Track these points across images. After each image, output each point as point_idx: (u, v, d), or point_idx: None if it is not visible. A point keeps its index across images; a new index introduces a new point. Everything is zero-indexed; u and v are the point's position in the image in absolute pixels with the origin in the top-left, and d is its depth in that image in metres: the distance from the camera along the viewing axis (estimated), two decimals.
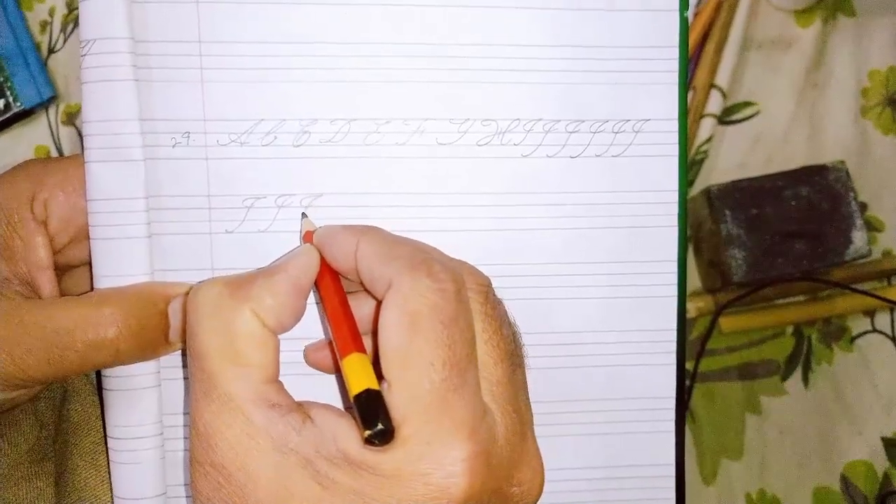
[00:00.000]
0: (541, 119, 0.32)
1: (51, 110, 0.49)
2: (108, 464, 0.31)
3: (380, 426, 0.23)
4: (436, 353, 0.24)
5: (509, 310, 0.27)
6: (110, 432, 0.30)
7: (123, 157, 0.29)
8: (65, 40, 0.48)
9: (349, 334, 0.26)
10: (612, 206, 0.32)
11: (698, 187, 0.51)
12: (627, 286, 0.33)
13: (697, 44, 0.51)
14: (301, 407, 0.25)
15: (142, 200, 0.29)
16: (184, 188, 0.30)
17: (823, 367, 0.51)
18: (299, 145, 0.31)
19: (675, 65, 0.32)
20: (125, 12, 0.28)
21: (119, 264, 0.29)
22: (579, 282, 0.32)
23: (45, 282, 0.29)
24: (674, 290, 0.33)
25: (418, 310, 0.24)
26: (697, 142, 0.51)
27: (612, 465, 0.33)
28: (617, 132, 0.32)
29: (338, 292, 0.27)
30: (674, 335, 0.33)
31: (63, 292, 0.31)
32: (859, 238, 0.48)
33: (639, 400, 0.33)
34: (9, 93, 0.47)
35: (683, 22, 0.32)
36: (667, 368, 0.33)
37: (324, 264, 0.28)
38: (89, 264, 0.30)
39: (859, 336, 0.51)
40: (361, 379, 0.24)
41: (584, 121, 0.32)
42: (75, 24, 0.48)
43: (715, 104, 0.51)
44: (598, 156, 0.32)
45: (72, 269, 0.32)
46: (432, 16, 0.31)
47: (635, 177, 0.32)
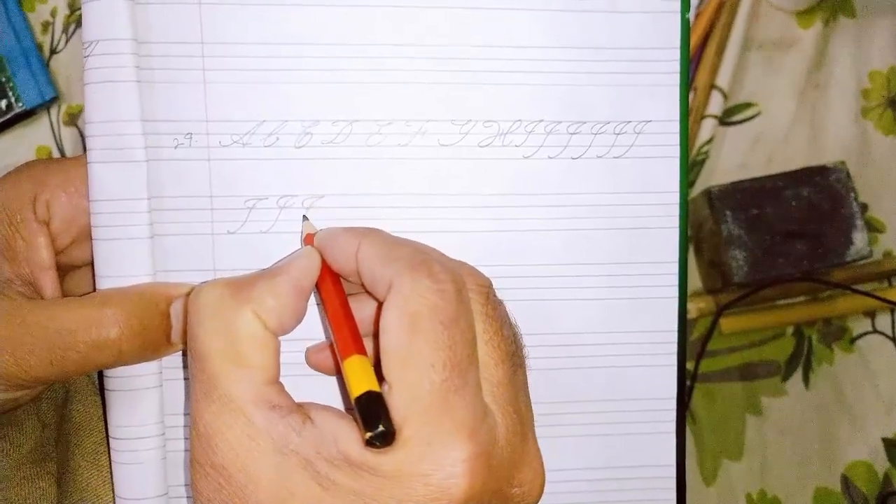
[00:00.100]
0: (542, 120, 0.32)
1: (52, 111, 0.49)
2: (109, 464, 0.31)
3: (381, 428, 0.23)
4: (436, 354, 0.24)
5: (510, 310, 0.27)
6: (112, 432, 0.30)
7: (126, 158, 0.29)
8: (66, 41, 0.48)
9: (350, 336, 0.26)
10: (613, 207, 0.32)
11: (699, 188, 0.51)
12: (628, 287, 0.33)
13: (698, 45, 0.51)
14: (301, 408, 0.25)
15: (144, 201, 0.29)
16: (186, 189, 0.30)
17: (824, 368, 0.51)
18: (301, 146, 0.31)
19: (676, 66, 0.32)
20: (128, 14, 0.28)
21: (121, 265, 0.29)
22: (580, 282, 0.32)
23: (48, 282, 0.29)
24: (674, 291, 0.33)
25: (418, 311, 0.24)
26: (698, 142, 0.51)
27: (612, 465, 0.33)
28: (618, 133, 0.32)
29: (339, 294, 0.27)
30: (674, 336, 0.33)
31: (65, 293, 0.31)
32: (860, 239, 0.48)
33: (639, 401, 0.33)
34: (10, 93, 0.47)
35: (685, 23, 0.32)
36: (667, 369, 0.33)
37: (325, 266, 0.28)
38: (91, 265, 0.30)
39: (860, 337, 0.51)
40: (362, 381, 0.24)
41: (586, 122, 0.32)
42: (77, 25, 0.48)
43: (716, 105, 0.51)
44: (599, 157, 0.32)
45: (74, 269, 0.32)
46: (434, 17, 0.31)
47: (636, 178, 0.32)
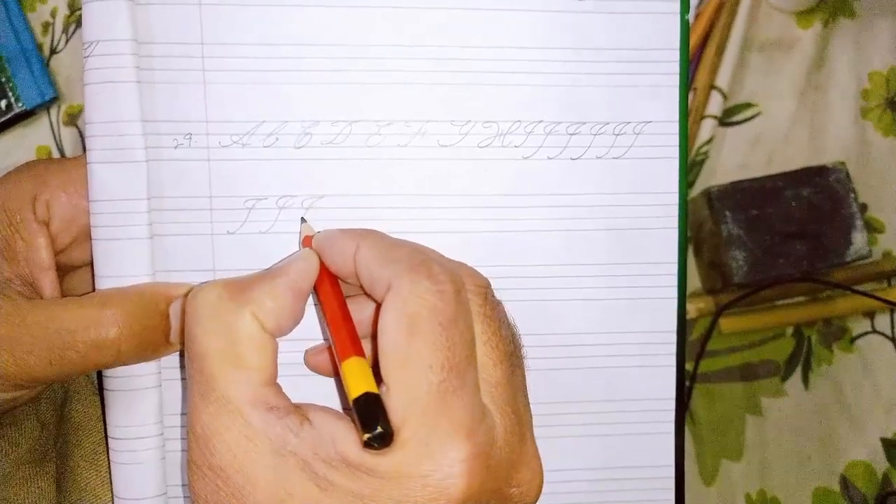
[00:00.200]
0: (542, 121, 0.32)
1: (52, 111, 0.49)
2: (108, 464, 0.31)
3: (379, 429, 0.23)
4: (434, 355, 0.24)
5: (509, 311, 0.27)
6: (111, 432, 0.30)
7: (126, 159, 0.29)
8: (66, 41, 0.48)
9: (348, 338, 0.26)
10: (612, 207, 0.32)
11: (699, 188, 0.51)
12: (628, 287, 0.33)
13: (698, 45, 0.51)
14: (299, 409, 0.25)
15: (144, 201, 0.29)
16: (186, 189, 0.30)
17: (823, 368, 0.51)
18: (301, 147, 0.31)
19: (675, 67, 0.32)
20: (128, 14, 0.29)
21: (121, 265, 0.29)
22: (580, 283, 0.32)
23: (47, 282, 0.29)
24: (674, 292, 0.33)
25: (417, 312, 0.24)
26: (698, 143, 0.51)
27: (611, 465, 0.33)
28: (618, 134, 0.32)
29: (337, 296, 0.27)
30: (674, 336, 0.33)
31: (65, 293, 0.31)
32: (859, 239, 0.48)
33: (639, 401, 0.33)
34: (10, 93, 0.47)
35: (684, 24, 0.32)
36: (667, 370, 0.33)
37: (323, 269, 0.28)
38: (91, 265, 0.30)
39: (859, 337, 0.51)
40: (360, 383, 0.24)
41: (585, 123, 0.32)
42: (77, 25, 0.48)
43: (715, 105, 0.51)
44: (598, 157, 0.32)
45: (74, 269, 0.32)
46: (434, 18, 0.31)
47: (636, 179, 0.32)
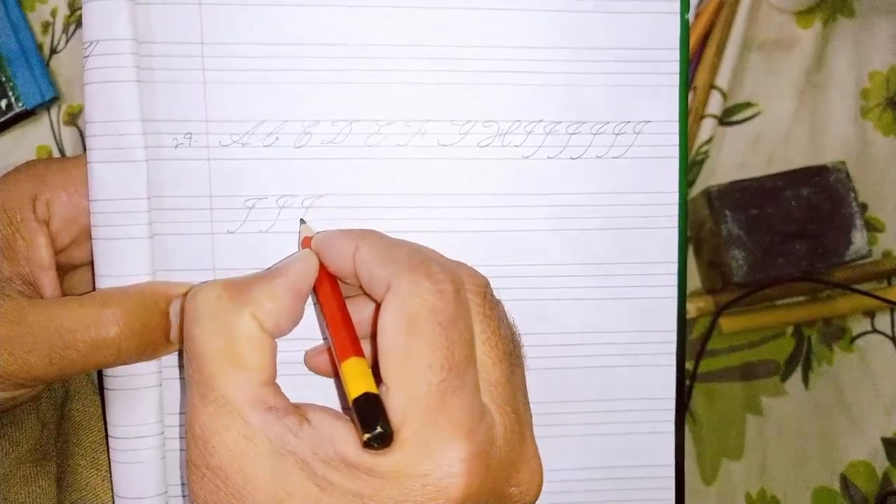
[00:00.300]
0: (542, 120, 0.32)
1: (53, 110, 0.49)
2: (109, 463, 0.31)
3: (378, 429, 0.23)
4: (434, 355, 0.24)
5: (509, 310, 0.27)
6: (111, 432, 0.30)
7: (126, 158, 0.29)
8: (67, 41, 0.48)
9: (347, 339, 0.26)
10: (612, 207, 0.32)
11: (699, 188, 0.51)
12: (627, 287, 0.33)
13: (698, 45, 0.51)
14: (298, 409, 0.25)
15: (144, 201, 0.29)
16: (186, 189, 0.30)
17: (824, 368, 0.51)
18: (301, 146, 0.31)
19: (675, 67, 0.32)
20: (128, 14, 0.29)
21: (121, 264, 0.29)
22: (579, 282, 0.32)
23: (48, 282, 0.29)
24: (674, 291, 0.33)
25: (417, 312, 0.24)
26: (698, 142, 0.51)
27: (611, 465, 0.33)
28: (618, 134, 0.32)
29: (336, 297, 0.27)
30: (674, 336, 0.33)
31: (65, 292, 0.31)
32: (859, 238, 0.48)
33: (638, 401, 0.33)
34: (11, 93, 0.47)
35: (684, 24, 0.32)
36: (667, 369, 0.33)
37: (322, 270, 0.28)
38: (91, 264, 0.30)
39: (859, 336, 0.51)
40: (360, 383, 0.24)
41: (585, 122, 0.32)
42: (77, 25, 0.48)
43: (715, 105, 0.51)
44: (598, 157, 0.32)
45: (74, 268, 0.32)
46: (434, 17, 0.31)
47: (636, 178, 0.32)
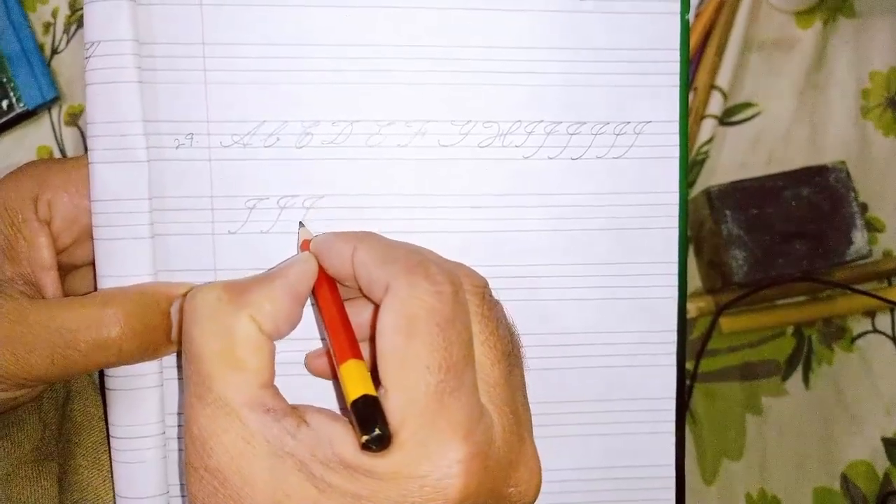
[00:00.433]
0: (542, 121, 0.32)
1: (54, 111, 0.49)
2: (110, 463, 0.31)
3: (377, 432, 0.23)
4: (432, 356, 0.24)
5: (509, 310, 0.27)
6: (113, 432, 0.30)
7: (127, 159, 0.29)
8: (68, 41, 0.48)
9: (346, 341, 0.26)
10: (612, 207, 0.32)
11: (699, 187, 0.51)
12: (628, 287, 0.33)
13: (698, 45, 0.51)
14: (296, 411, 0.25)
15: (145, 201, 0.29)
16: (187, 189, 0.30)
17: (824, 368, 0.51)
18: (302, 147, 0.31)
19: (676, 67, 0.32)
20: (129, 15, 0.29)
21: (122, 264, 0.29)
22: (579, 283, 0.32)
23: (49, 282, 0.29)
24: (674, 291, 0.33)
25: (415, 313, 0.24)
26: (698, 142, 0.51)
27: (612, 465, 0.33)
28: (618, 134, 0.32)
29: (335, 300, 0.27)
30: (674, 336, 0.33)
31: (67, 292, 0.31)
32: (860, 238, 0.48)
33: (639, 401, 0.33)
34: (12, 93, 0.47)
35: (684, 24, 0.32)
36: (667, 369, 0.33)
37: (321, 273, 0.28)
38: (93, 264, 0.30)
39: (860, 336, 0.51)
40: (358, 385, 0.24)
41: (586, 123, 0.32)
42: (78, 25, 0.48)
43: (716, 105, 0.51)
44: (599, 157, 0.32)
45: (75, 269, 0.32)
46: (434, 18, 0.31)
47: (636, 178, 0.32)
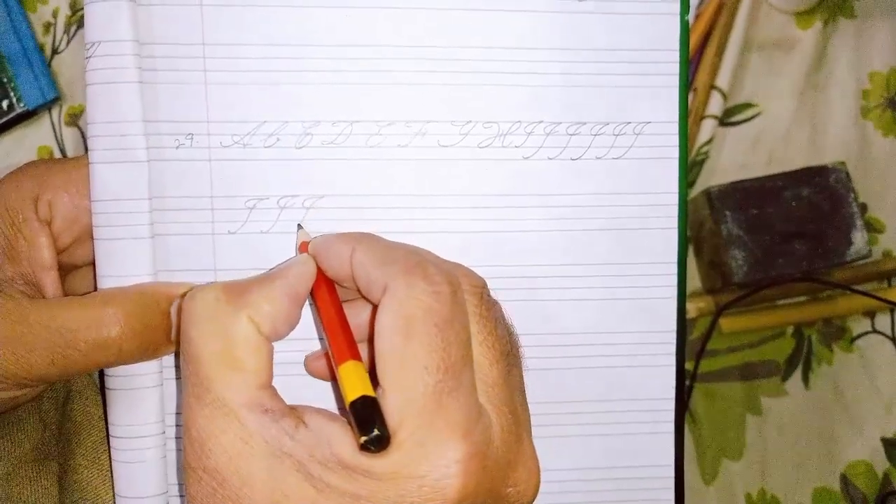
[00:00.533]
0: (542, 121, 0.32)
1: (54, 111, 0.49)
2: (110, 463, 0.31)
3: (375, 432, 0.23)
4: (430, 356, 0.24)
5: (508, 311, 0.27)
6: (113, 431, 0.30)
7: (127, 159, 0.29)
8: (68, 41, 0.49)
9: (345, 342, 0.26)
10: (612, 207, 0.32)
11: (699, 188, 0.51)
12: (627, 287, 0.33)
13: (698, 45, 0.51)
14: (294, 411, 0.25)
15: (145, 201, 0.29)
16: (187, 189, 0.30)
17: (824, 368, 0.51)
18: (302, 147, 0.31)
19: (675, 68, 0.32)
20: (130, 15, 0.29)
21: (122, 264, 0.29)
22: (579, 283, 0.32)
23: (49, 282, 0.29)
24: (674, 291, 0.33)
25: (413, 313, 0.24)
26: (698, 143, 0.51)
27: (611, 465, 0.33)
28: (618, 134, 0.32)
29: (334, 302, 0.27)
30: (674, 336, 0.33)
31: (67, 292, 0.31)
32: (859, 239, 0.48)
33: (638, 401, 0.33)
34: (12, 94, 0.47)
35: (684, 25, 0.32)
36: (667, 369, 0.33)
37: (320, 275, 0.28)
38: (93, 264, 0.30)
39: (859, 337, 0.51)
40: (357, 386, 0.24)
41: (585, 123, 0.32)
42: (79, 26, 0.48)
43: (716, 106, 0.51)
44: (598, 158, 0.32)
45: (76, 269, 0.32)
46: (434, 19, 0.31)
47: (636, 179, 0.32)
